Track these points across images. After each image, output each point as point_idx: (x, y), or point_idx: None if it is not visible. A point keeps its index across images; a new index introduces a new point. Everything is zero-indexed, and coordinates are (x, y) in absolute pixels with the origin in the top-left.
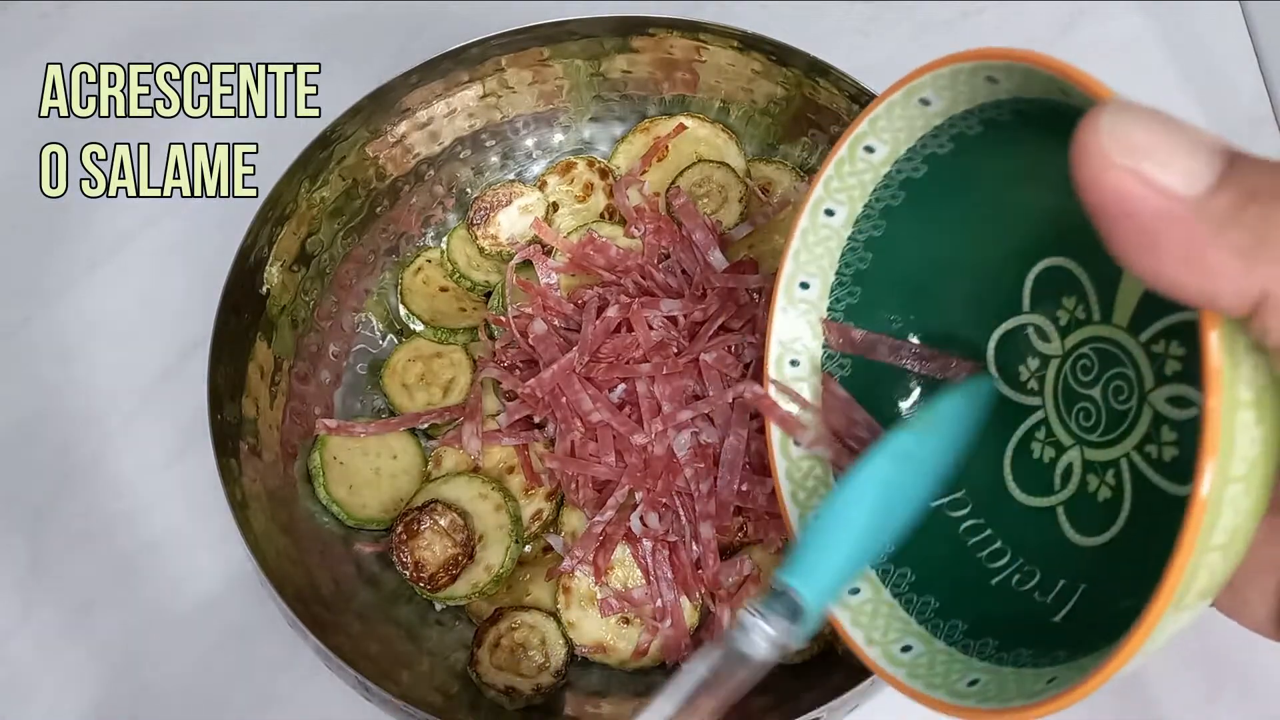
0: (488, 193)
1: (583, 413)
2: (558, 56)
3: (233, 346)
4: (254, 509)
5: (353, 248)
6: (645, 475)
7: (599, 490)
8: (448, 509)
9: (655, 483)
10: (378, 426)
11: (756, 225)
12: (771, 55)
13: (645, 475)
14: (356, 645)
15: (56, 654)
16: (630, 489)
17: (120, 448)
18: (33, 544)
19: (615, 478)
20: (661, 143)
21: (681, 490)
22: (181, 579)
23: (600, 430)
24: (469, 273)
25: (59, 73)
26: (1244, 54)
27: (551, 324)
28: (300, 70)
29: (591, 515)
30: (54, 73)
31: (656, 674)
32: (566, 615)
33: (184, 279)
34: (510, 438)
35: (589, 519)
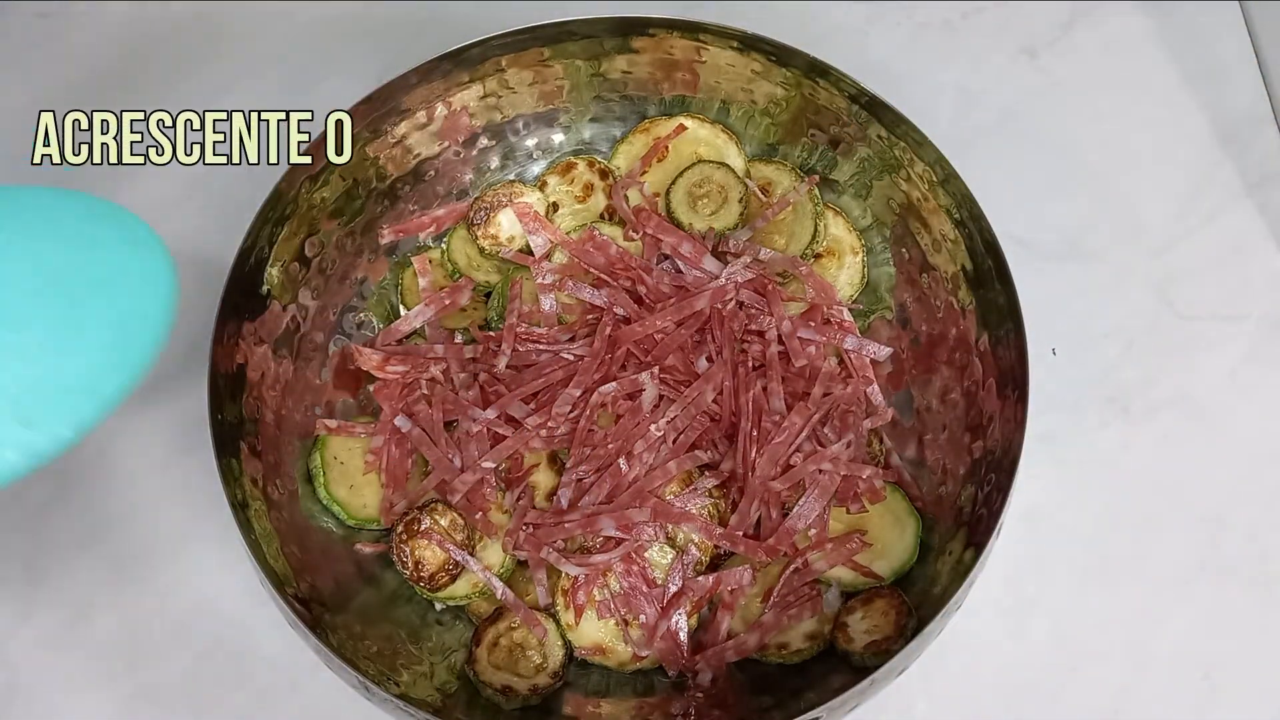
0: (488, 193)
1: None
2: (558, 57)
3: (233, 347)
4: (254, 509)
5: (353, 248)
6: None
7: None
8: (448, 509)
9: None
10: (378, 426)
11: (756, 229)
12: (771, 55)
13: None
14: (356, 645)
15: (56, 655)
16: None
17: (120, 448)
18: (33, 544)
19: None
20: (661, 143)
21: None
22: (181, 579)
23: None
24: (469, 273)
25: (52, 120)
26: (1244, 54)
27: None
28: (293, 118)
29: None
30: (46, 120)
31: (657, 675)
32: (565, 617)
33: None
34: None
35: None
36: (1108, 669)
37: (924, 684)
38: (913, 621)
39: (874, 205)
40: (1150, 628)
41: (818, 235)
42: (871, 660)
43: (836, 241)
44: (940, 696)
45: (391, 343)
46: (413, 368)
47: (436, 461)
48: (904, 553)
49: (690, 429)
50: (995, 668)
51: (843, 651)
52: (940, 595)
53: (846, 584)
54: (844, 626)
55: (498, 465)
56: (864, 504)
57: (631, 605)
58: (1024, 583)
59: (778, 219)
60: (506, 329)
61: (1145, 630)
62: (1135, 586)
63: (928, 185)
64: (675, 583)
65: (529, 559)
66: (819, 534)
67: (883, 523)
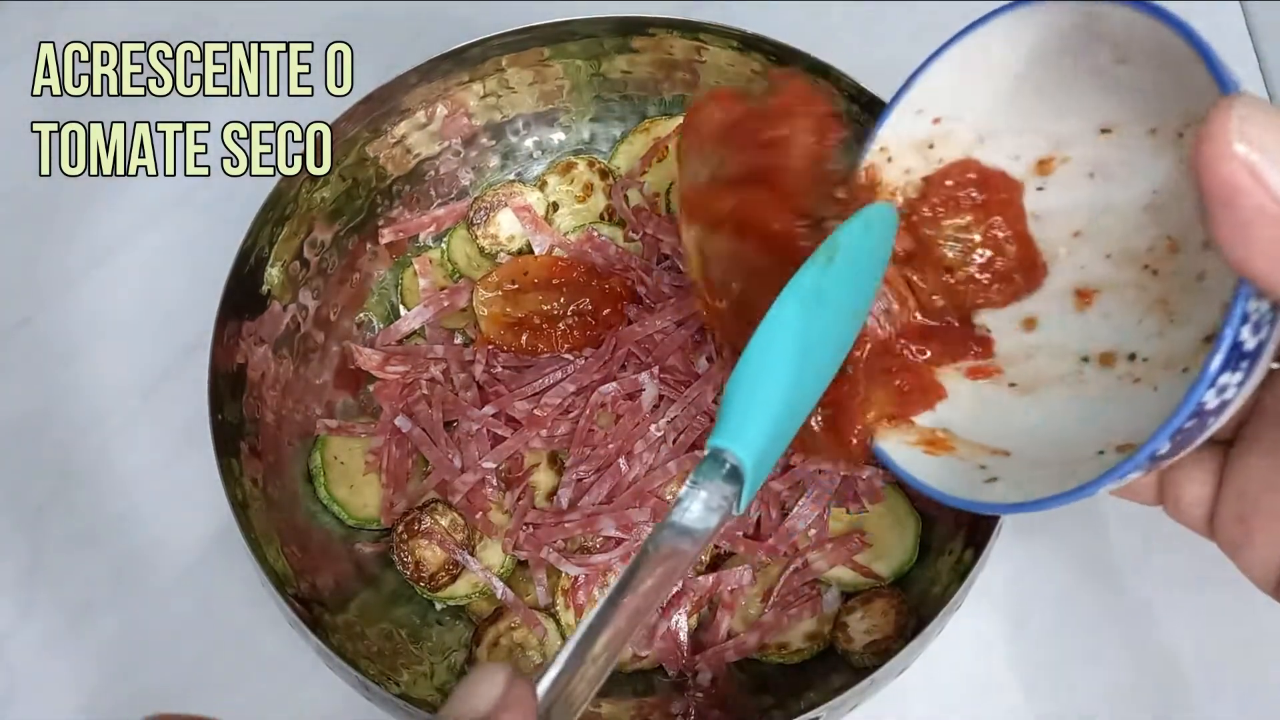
0: (488, 193)
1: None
2: (558, 56)
3: (233, 347)
4: (254, 509)
5: (353, 248)
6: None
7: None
8: (448, 509)
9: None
10: (378, 427)
11: None
12: (771, 55)
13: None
14: (356, 645)
15: (56, 654)
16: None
17: (121, 447)
18: (33, 544)
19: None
20: (661, 143)
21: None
22: (181, 579)
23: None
24: (469, 273)
25: (52, 51)
26: (1244, 54)
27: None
28: (293, 49)
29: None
30: (46, 51)
31: (657, 675)
32: (566, 616)
33: (184, 279)
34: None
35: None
36: (1108, 669)
37: (924, 684)
38: (913, 621)
39: None
40: (1150, 627)
41: None
42: (871, 660)
43: None
44: (940, 696)
45: (391, 343)
46: (413, 368)
47: (437, 461)
48: (904, 553)
49: (690, 429)
50: (995, 668)
51: (843, 651)
52: (940, 595)
53: (846, 584)
54: (844, 626)
55: (498, 465)
56: (864, 504)
57: None
58: (1024, 583)
59: None
60: None
61: (1145, 630)
62: (1136, 586)
63: None
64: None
65: (529, 559)
66: (819, 534)
67: (883, 523)
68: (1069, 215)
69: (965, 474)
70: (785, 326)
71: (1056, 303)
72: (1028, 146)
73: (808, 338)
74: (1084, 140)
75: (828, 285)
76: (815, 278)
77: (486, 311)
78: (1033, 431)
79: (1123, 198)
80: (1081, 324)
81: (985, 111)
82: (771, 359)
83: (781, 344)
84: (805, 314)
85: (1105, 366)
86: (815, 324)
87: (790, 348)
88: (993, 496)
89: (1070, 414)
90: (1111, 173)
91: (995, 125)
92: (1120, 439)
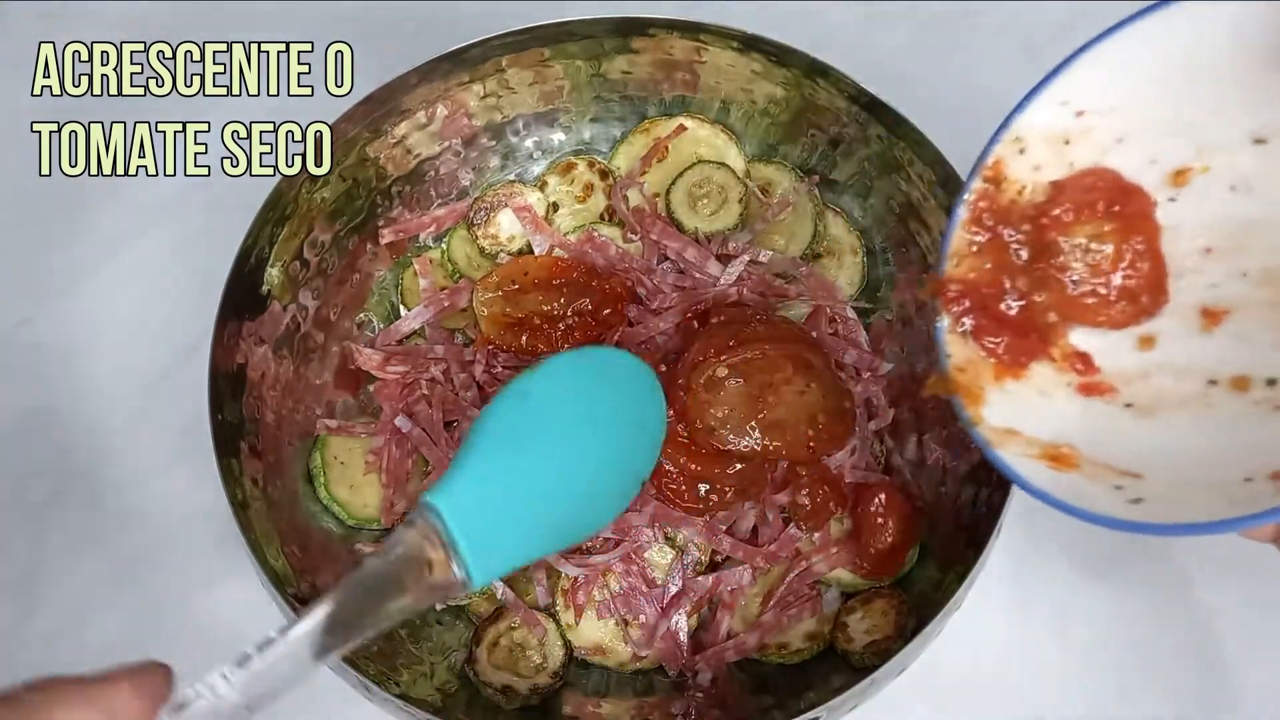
0: (488, 193)
1: None
2: (558, 57)
3: (233, 347)
4: (254, 509)
5: (353, 248)
6: None
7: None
8: None
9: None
10: (378, 427)
11: (756, 232)
12: (771, 55)
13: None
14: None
15: (56, 654)
16: None
17: (121, 448)
18: (33, 544)
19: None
20: (661, 143)
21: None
22: (181, 579)
23: None
24: (469, 273)
25: (52, 51)
26: None
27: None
28: (293, 49)
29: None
30: (46, 51)
31: (656, 675)
32: (565, 617)
33: (184, 279)
34: None
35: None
36: (1108, 669)
37: (924, 684)
38: (913, 621)
39: (874, 205)
40: (1151, 627)
41: (818, 235)
42: (871, 660)
43: (836, 242)
44: (940, 696)
45: (392, 343)
46: (413, 368)
47: (437, 461)
48: None
49: None
50: (995, 668)
51: (843, 651)
52: (940, 595)
53: (846, 584)
54: (844, 626)
55: None
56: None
57: (631, 605)
58: (1024, 583)
59: (777, 219)
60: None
61: (1145, 630)
62: (1136, 586)
63: (927, 185)
64: (675, 583)
65: None
66: (821, 538)
67: None
68: (1204, 229)
69: (1103, 495)
70: (494, 412)
71: (1180, 321)
72: (1168, 151)
73: (515, 423)
74: (1232, 148)
75: (531, 386)
76: (524, 380)
77: (486, 311)
78: (1163, 454)
79: (1267, 214)
80: (1208, 345)
81: (1134, 109)
82: (483, 437)
83: (490, 424)
84: (511, 405)
85: (1237, 391)
86: (522, 414)
87: (498, 428)
88: (1148, 517)
89: (1199, 438)
90: (1254, 186)
91: (1140, 124)
92: (1272, 467)
